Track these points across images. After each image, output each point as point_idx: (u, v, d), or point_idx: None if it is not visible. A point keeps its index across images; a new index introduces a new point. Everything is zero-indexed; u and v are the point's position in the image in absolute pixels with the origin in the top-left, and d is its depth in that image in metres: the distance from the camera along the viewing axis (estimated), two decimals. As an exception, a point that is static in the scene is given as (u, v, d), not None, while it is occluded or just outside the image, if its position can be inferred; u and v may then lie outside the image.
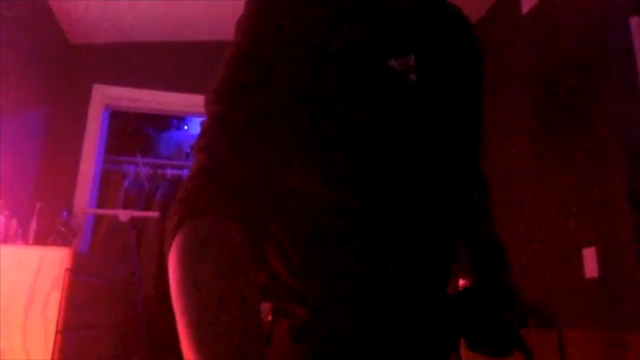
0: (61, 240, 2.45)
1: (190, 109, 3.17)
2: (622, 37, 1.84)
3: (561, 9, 2.18)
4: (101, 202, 3.29)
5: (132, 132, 4.00)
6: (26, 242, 2.37)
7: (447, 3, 0.77)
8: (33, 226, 2.43)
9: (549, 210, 2.13)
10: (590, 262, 1.87)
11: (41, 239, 2.46)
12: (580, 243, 1.93)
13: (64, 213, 2.65)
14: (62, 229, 2.49)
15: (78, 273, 1.90)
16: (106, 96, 3.04)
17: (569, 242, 1.99)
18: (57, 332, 1.74)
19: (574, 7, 2.09)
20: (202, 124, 0.58)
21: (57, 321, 1.75)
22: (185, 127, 4.30)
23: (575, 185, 1.99)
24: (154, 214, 3.31)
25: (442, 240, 0.68)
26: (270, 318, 0.61)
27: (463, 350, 0.71)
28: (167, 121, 4.25)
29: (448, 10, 0.77)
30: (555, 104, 2.18)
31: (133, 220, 3.30)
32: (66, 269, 1.81)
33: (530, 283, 2.16)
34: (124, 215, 3.02)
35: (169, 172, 3.65)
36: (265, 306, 0.62)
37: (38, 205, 2.50)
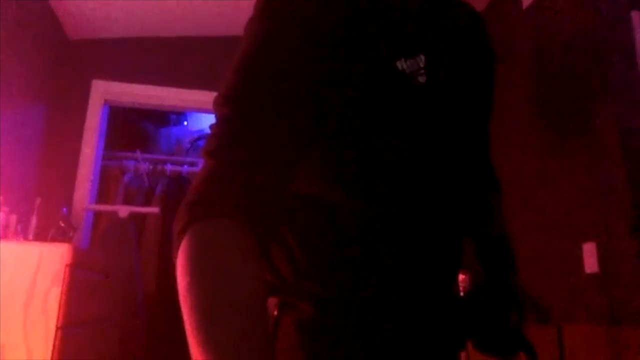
0: (61, 236, 2.45)
1: (189, 105, 3.17)
2: (623, 31, 1.83)
3: (561, 3, 2.17)
4: (101, 197, 3.29)
5: (132, 128, 4.00)
6: (26, 238, 2.37)
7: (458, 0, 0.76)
8: (33, 222, 2.43)
9: (549, 205, 2.13)
10: (590, 257, 1.87)
11: (41, 235, 2.45)
12: (580, 238, 1.93)
13: (64, 209, 2.65)
14: (62, 224, 2.49)
15: (78, 269, 1.90)
16: (105, 92, 3.03)
17: (569, 237, 1.99)
18: (57, 327, 1.74)
19: (575, 2, 2.08)
20: (210, 127, 0.58)
21: (58, 317, 1.75)
22: (185, 123, 4.29)
23: (575, 180, 1.99)
24: (153, 209, 3.30)
25: (451, 240, 0.68)
26: (275, 313, 0.61)
27: (470, 350, 0.71)
28: (167, 116, 4.25)
29: (459, 7, 0.75)
30: (555, 98, 2.17)
31: (133, 215, 3.30)
32: (66, 265, 1.81)
33: (530, 278, 2.16)
34: (123, 211, 3.02)
35: (169, 167, 3.65)
36: (271, 301, 0.62)
37: (38, 201, 2.50)
